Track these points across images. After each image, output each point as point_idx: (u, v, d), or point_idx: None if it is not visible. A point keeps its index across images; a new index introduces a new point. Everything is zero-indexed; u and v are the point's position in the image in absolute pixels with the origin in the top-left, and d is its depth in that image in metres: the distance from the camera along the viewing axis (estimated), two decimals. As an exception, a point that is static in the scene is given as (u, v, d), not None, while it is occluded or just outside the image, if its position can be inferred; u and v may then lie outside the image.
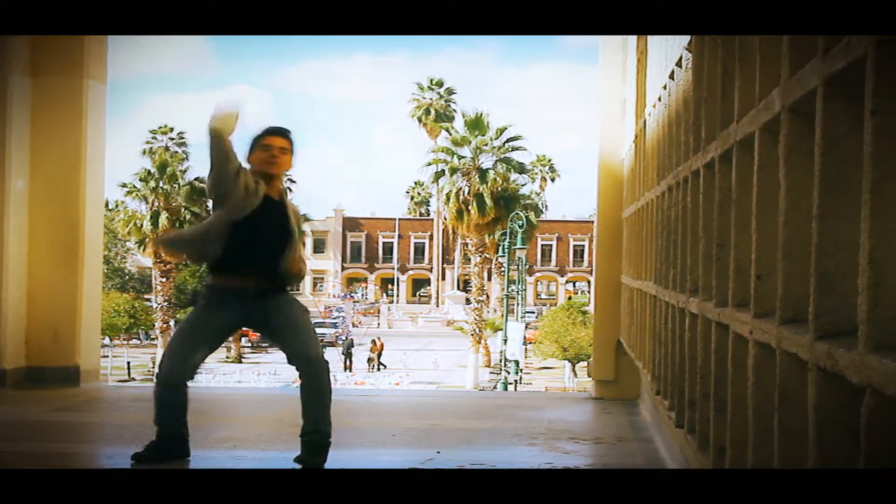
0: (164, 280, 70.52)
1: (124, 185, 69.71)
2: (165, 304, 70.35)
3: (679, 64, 7.24)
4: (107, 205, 75.20)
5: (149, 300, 79.38)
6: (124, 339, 79.13)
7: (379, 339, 75.12)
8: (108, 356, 63.14)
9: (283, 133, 8.09)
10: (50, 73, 12.30)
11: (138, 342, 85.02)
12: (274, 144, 7.99)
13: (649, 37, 9.72)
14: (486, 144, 66.08)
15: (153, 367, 67.75)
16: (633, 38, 11.40)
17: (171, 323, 71.71)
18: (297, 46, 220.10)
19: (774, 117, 4.11)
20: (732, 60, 5.11)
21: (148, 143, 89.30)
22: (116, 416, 10.75)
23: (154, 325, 72.30)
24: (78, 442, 9.56)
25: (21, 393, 11.67)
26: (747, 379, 4.48)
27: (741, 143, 4.86)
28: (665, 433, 8.33)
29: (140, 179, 69.53)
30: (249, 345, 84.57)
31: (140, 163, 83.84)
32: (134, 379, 64.62)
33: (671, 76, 7.70)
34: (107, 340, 67.73)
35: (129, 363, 69.58)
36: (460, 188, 65.33)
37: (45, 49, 12.26)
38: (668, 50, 7.89)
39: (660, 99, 8.54)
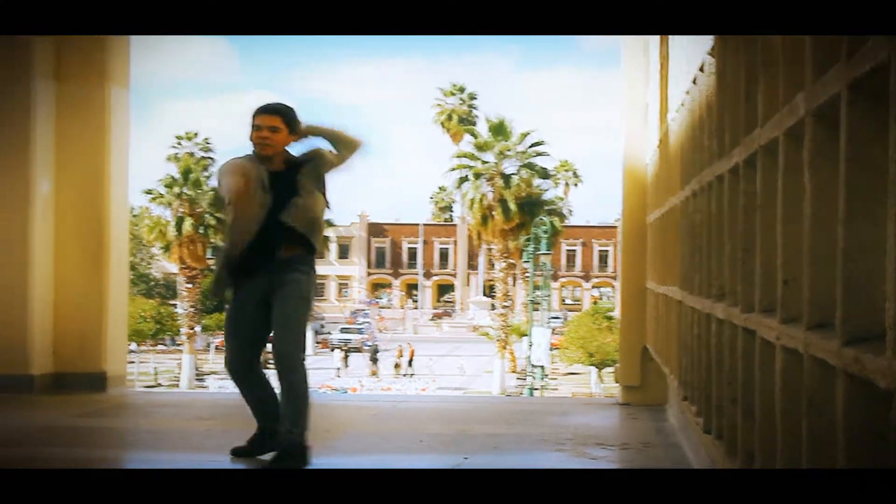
0: (189, 286, 70.54)
1: (149, 192, 69.78)
2: (191, 309, 70.38)
3: (702, 69, 7.23)
4: (131, 210, 75.35)
5: (174, 306, 79.50)
6: (150, 345, 79.33)
7: (409, 344, 75.00)
8: (134, 362, 63.31)
9: (270, 110, 8.02)
10: (73, 79, 12.34)
11: (164, 348, 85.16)
12: (263, 124, 7.96)
13: (671, 41, 9.70)
14: (509, 150, 65.99)
15: (179, 372, 67.92)
16: (655, 43, 11.38)
17: (197, 329, 71.79)
18: (320, 51, 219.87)
19: (798, 122, 4.11)
20: (755, 65, 5.10)
21: (173, 147, 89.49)
22: (143, 422, 10.79)
23: (180, 331, 72.39)
24: (105, 447, 9.59)
25: (48, 398, 11.71)
26: (775, 384, 4.47)
27: (765, 148, 4.85)
28: (692, 439, 8.31)
29: (164, 185, 69.54)
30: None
31: (164, 168, 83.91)
32: (160, 384, 64.77)
33: (694, 81, 7.69)
34: (133, 346, 67.89)
35: (155, 368, 69.74)
36: (484, 193, 65.25)
37: (69, 54, 12.30)
38: (690, 55, 7.88)
39: (683, 104, 8.52)
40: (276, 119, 7.96)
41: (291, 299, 7.89)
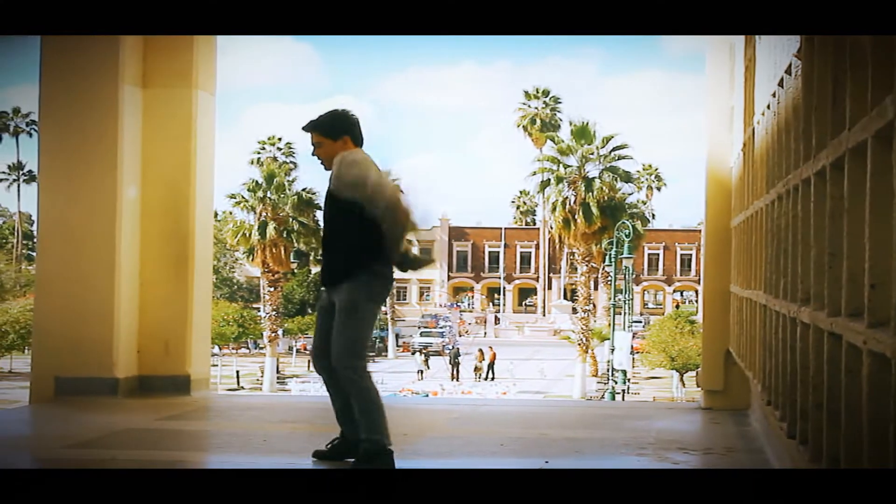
0: (272, 289, 70.85)
1: (232, 196, 70.17)
2: (273, 313, 70.70)
3: (788, 71, 7.18)
4: (215, 215, 75.89)
5: (257, 309, 79.96)
6: (233, 348, 79.87)
7: (491, 348, 74.98)
8: (217, 365, 63.75)
9: (307, 128, 8.16)
10: (160, 84, 12.46)
11: (247, 351, 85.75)
12: (312, 143, 8.14)
13: (758, 44, 9.64)
14: (591, 153, 65.79)
15: (261, 377, 68.30)
16: (740, 46, 11.31)
17: (280, 332, 72.12)
18: (401, 55, 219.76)
19: (888, 124, 4.06)
20: (843, 67, 5.05)
21: (256, 153, 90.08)
22: (226, 425, 10.86)
23: (262, 335, 72.81)
24: (188, 449, 9.68)
25: (133, 401, 11.82)
26: (861, 389, 4.42)
27: (853, 151, 4.80)
28: (776, 444, 8.24)
29: (248, 189, 69.84)
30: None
31: (247, 173, 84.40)
32: (243, 388, 65.17)
33: (780, 84, 7.63)
34: (216, 349, 68.35)
35: (237, 372, 70.19)
36: (566, 197, 65.10)
37: (156, 60, 12.42)
38: (776, 57, 7.82)
39: (769, 107, 8.46)
40: (315, 135, 8.12)
41: (337, 312, 8.00)
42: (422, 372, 71.20)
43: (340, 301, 7.94)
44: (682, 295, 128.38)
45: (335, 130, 8.06)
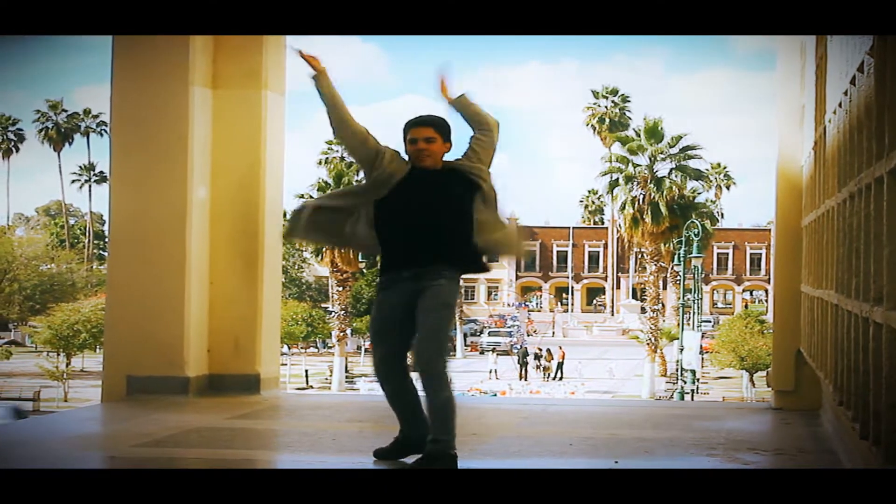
0: (340, 289, 71.08)
1: (301, 196, 70.37)
2: (342, 312, 70.93)
3: (861, 69, 7.11)
4: (284, 214, 76.02)
5: (326, 309, 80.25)
6: (302, 348, 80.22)
7: (560, 348, 74.97)
8: (286, 364, 64.03)
9: (422, 122, 8.05)
10: (230, 85, 12.50)
11: (316, 350, 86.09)
12: (418, 137, 7.99)
13: (829, 42, 9.56)
14: (661, 153, 65.59)
15: (330, 376, 68.56)
16: (811, 44, 11.22)
17: (348, 331, 72.35)
18: (468, 55, 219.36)
19: (962, 122, 4.02)
20: (917, 65, 5.00)
21: (324, 153, 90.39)
22: (295, 424, 10.89)
23: (331, 334, 73.07)
24: (258, 448, 9.72)
25: (203, 400, 11.87)
26: (935, 390, 4.38)
27: (927, 149, 4.75)
28: (848, 445, 8.17)
29: (317, 189, 70.04)
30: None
31: (316, 173, 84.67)
32: (312, 387, 65.45)
33: (852, 82, 7.56)
34: (285, 349, 68.68)
35: (306, 371, 70.56)
36: (635, 196, 64.96)
37: (225, 61, 12.46)
38: (849, 55, 7.75)
39: (840, 105, 8.39)
40: (430, 130, 7.99)
41: (434, 307, 7.88)
42: (493, 371, 71.33)
43: (436, 294, 7.83)
44: (751, 294, 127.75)
45: (448, 134, 8.10)
